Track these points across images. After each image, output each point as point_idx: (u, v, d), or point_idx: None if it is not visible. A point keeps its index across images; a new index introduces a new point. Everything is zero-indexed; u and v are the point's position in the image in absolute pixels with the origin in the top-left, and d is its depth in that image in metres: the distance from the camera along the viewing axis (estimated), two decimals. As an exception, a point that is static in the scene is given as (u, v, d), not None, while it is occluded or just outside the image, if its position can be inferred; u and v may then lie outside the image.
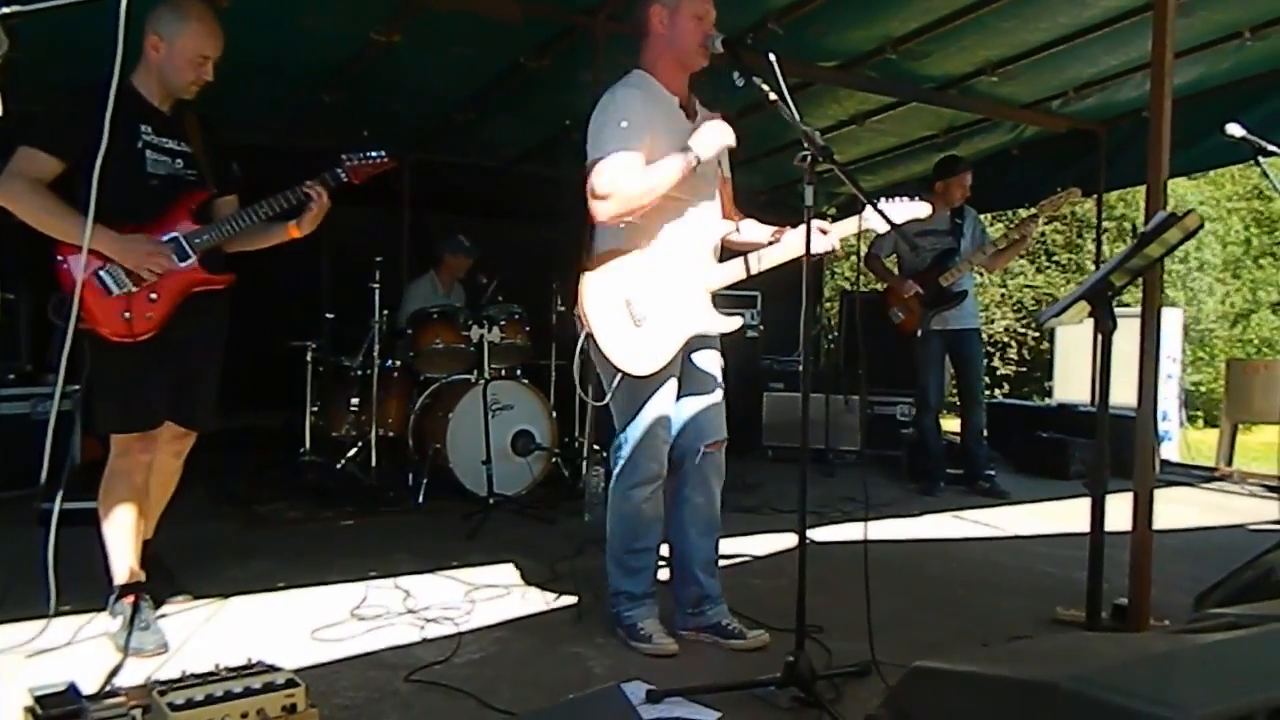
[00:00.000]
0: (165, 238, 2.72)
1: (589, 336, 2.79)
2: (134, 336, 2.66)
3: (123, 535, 2.78)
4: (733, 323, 2.87)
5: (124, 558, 2.79)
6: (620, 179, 2.65)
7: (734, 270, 2.85)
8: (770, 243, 2.87)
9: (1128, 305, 5.41)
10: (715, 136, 2.68)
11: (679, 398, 2.89)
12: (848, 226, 2.78)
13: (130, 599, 2.75)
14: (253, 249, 2.99)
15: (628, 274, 2.78)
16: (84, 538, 2.79)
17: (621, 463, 2.86)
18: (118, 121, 2.55)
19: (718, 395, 2.94)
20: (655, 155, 2.72)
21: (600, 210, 2.70)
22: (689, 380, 2.90)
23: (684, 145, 2.66)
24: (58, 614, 2.59)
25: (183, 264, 2.74)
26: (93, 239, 2.54)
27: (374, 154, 2.92)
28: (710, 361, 2.94)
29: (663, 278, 2.78)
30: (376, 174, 2.95)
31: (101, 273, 2.63)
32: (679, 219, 2.81)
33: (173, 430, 2.89)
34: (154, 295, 2.70)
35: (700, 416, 2.89)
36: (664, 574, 3.02)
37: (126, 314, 2.65)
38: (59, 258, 2.63)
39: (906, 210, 2.74)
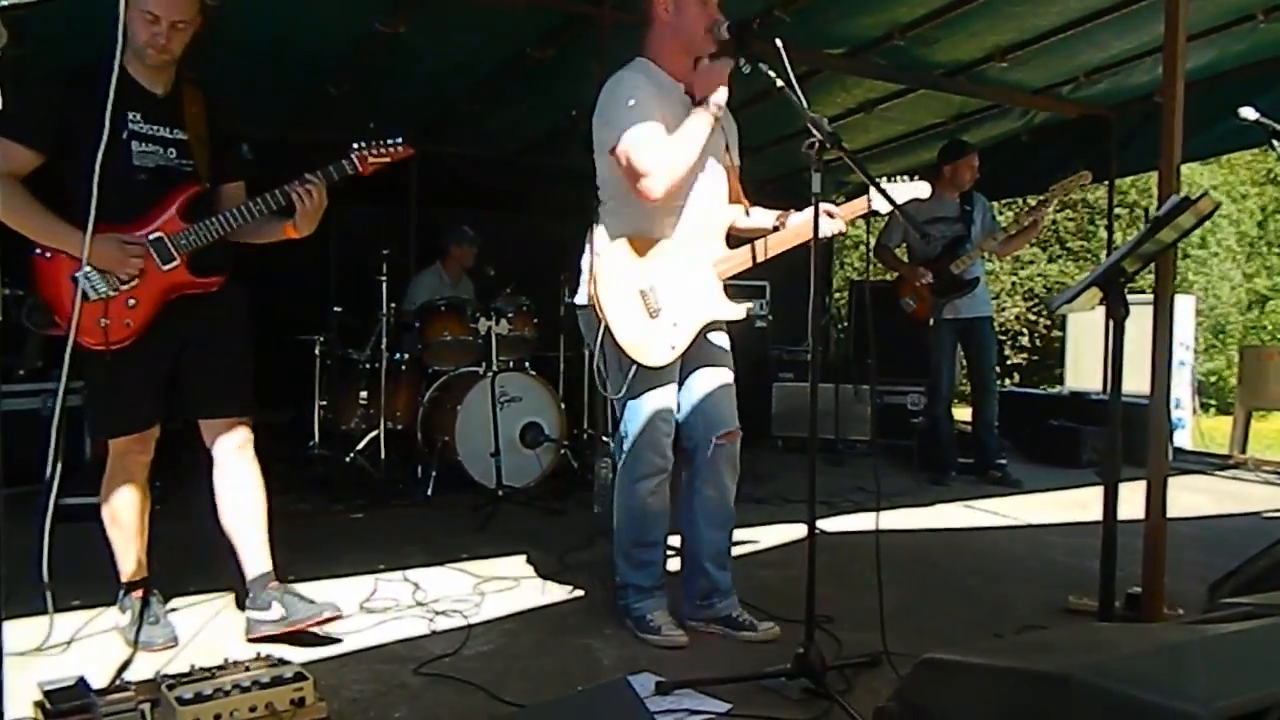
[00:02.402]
0: (150, 237, 2.53)
1: (606, 328, 2.75)
2: (109, 345, 2.49)
3: (126, 533, 2.76)
4: (741, 309, 2.86)
5: (129, 554, 2.78)
6: (654, 152, 2.61)
7: (742, 257, 2.83)
8: (775, 228, 2.86)
9: (1141, 291, 5.36)
10: (716, 77, 2.66)
11: (688, 374, 2.87)
12: (854, 208, 2.77)
13: (139, 593, 2.76)
14: (254, 243, 2.82)
15: (642, 262, 2.76)
16: (94, 533, 2.79)
17: (624, 456, 2.85)
18: (101, 110, 2.50)
19: (727, 379, 2.90)
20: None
21: (650, 188, 2.62)
22: (698, 356, 2.86)
23: (697, 103, 2.65)
24: (67, 609, 2.59)
25: (166, 266, 2.54)
26: (61, 241, 2.43)
27: (390, 142, 2.69)
28: (720, 340, 2.91)
29: (677, 265, 2.77)
30: (393, 162, 2.73)
31: (78, 276, 2.43)
32: (689, 204, 2.79)
33: (214, 426, 2.73)
34: (133, 301, 2.52)
35: (710, 406, 2.87)
36: (674, 565, 3.01)
37: (103, 320, 2.48)
38: (36, 273, 2.49)
39: (906, 191, 2.73)
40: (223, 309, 2.74)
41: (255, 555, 2.75)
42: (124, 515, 2.75)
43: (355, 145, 2.68)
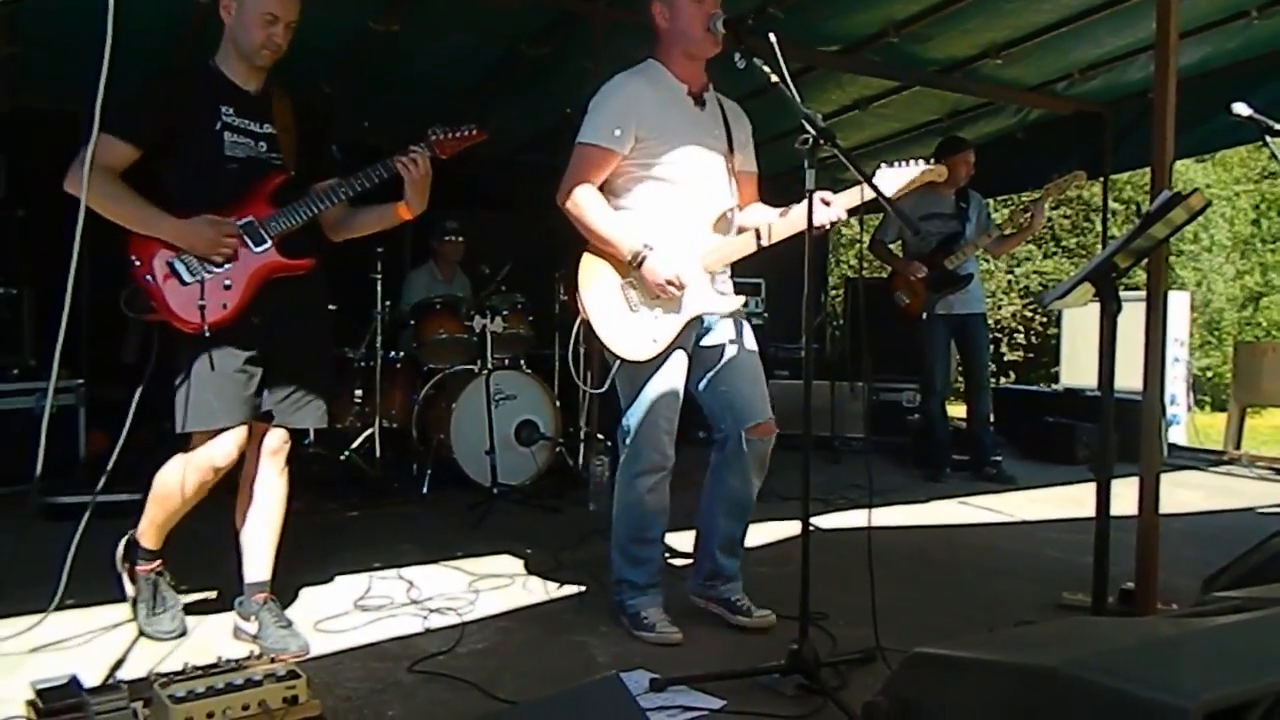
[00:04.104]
0: (240, 222, 2.58)
1: (584, 323, 2.79)
2: (206, 326, 2.52)
3: (162, 512, 2.74)
4: (734, 301, 2.86)
5: (157, 529, 2.77)
6: (589, 202, 2.74)
7: (737, 245, 2.82)
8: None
9: (1137, 289, 5.37)
10: (663, 272, 2.67)
11: (699, 382, 2.88)
12: (851, 197, 2.75)
13: (149, 569, 2.76)
14: (361, 235, 2.90)
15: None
16: (89, 532, 2.78)
17: (625, 452, 2.86)
18: (196, 102, 2.57)
19: (750, 368, 2.89)
20: (654, 145, 2.74)
21: (564, 200, 2.79)
22: (702, 361, 2.87)
23: (646, 244, 2.69)
24: (61, 607, 2.59)
25: (258, 249, 2.60)
26: (155, 227, 2.50)
27: (464, 128, 2.74)
28: (722, 336, 2.88)
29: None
30: (468, 147, 2.77)
31: (174, 261, 2.51)
32: (677, 200, 2.80)
33: (267, 432, 2.74)
34: (228, 283, 2.56)
35: (734, 397, 2.85)
36: (672, 562, 3.02)
37: (200, 303, 2.51)
38: (132, 259, 2.51)
39: (912, 173, 2.67)
40: (307, 296, 2.77)
41: (257, 563, 2.79)
42: (172, 499, 2.71)
43: (431, 131, 2.73)
